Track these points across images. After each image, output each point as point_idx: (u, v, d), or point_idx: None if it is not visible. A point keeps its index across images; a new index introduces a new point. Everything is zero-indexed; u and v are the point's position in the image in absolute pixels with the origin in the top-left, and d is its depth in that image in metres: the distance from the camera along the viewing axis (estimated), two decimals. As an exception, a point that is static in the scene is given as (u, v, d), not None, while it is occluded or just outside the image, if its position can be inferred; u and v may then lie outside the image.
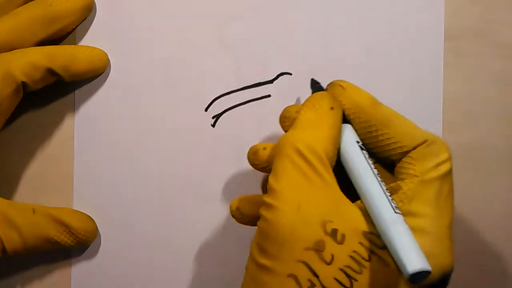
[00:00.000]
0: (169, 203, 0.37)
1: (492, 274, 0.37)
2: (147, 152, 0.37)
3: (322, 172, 0.28)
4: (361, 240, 0.26)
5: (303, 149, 0.28)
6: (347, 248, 0.26)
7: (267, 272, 0.27)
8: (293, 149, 0.28)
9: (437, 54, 0.36)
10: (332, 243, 0.26)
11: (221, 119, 0.37)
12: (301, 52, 0.36)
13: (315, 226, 0.26)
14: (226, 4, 0.36)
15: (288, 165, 0.28)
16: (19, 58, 0.33)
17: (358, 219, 0.27)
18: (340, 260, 0.26)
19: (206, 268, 0.37)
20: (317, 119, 0.29)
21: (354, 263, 0.26)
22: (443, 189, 0.28)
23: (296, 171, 0.27)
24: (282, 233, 0.26)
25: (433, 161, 0.28)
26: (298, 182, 0.27)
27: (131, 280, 0.37)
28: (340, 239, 0.26)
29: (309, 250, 0.26)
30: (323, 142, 0.28)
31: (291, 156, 0.28)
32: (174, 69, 0.37)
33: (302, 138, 0.28)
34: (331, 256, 0.26)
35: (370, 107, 0.30)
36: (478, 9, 0.36)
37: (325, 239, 0.26)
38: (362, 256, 0.26)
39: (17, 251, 0.34)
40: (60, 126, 0.37)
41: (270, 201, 0.27)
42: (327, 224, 0.26)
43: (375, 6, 0.36)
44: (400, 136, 0.29)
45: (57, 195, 0.37)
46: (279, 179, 0.28)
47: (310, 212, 0.27)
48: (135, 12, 0.37)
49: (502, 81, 0.36)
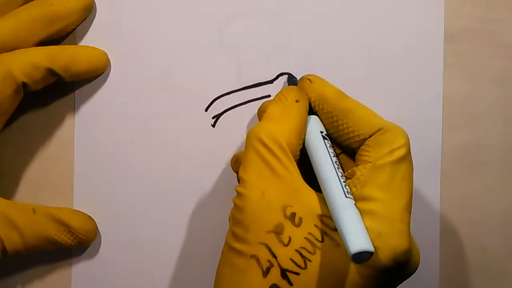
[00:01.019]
0: (169, 203, 0.37)
1: (492, 274, 0.37)
2: (147, 152, 0.37)
3: (284, 160, 0.29)
4: (316, 223, 0.28)
5: (266, 140, 0.30)
6: (303, 230, 0.28)
7: (237, 254, 0.29)
8: (257, 140, 0.30)
9: (437, 55, 0.36)
10: (290, 226, 0.28)
11: (221, 119, 0.37)
12: (301, 52, 0.36)
13: (276, 211, 0.28)
14: (226, 4, 0.36)
15: (253, 156, 0.30)
16: (20, 58, 0.33)
17: (315, 204, 0.29)
18: (297, 242, 0.28)
19: (206, 268, 0.37)
20: (282, 112, 0.31)
21: (309, 244, 0.28)
22: (396, 174, 0.29)
23: (261, 160, 0.29)
24: (248, 218, 0.29)
25: (388, 147, 0.29)
26: (262, 171, 0.29)
27: (131, 280, 0.37)
28: (298, 222, 0.28)
29: (270, 233, 0.28)
30: (286, 132, 0.30)
31: (255, 147, 0.30)
32: (174, 69, 0.37)
33: (265, 129, 0.30)
34: (288, 238, 0.28)
35: (334, 98, 0.32)
36: (478, 9, 0.36)
37: (284, 222, 0.28)
38: (316, 237, 0.28)
39: (17, 251, 0.34)
40: (60, 126, 0.37)
41: (239, 190, 0.29)
42: (287, 208, 0.28)
43: (375, 6, 0.36)
44: (358, 125, 0.30)
45: (57, 195, 0.37)
46: (247, 169, 0.30)
47: (272, 198, 0.29)
48: (135, 12, 0.37)
49: (502, 81, 0.36)
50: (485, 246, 0.36)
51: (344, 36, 0.36)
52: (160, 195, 0.37)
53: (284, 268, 0.27)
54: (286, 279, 0.27)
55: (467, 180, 0.36)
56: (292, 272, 0.27)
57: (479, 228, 0.36)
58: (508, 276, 0.37)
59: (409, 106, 0.36)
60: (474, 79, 0.36)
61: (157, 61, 0.37)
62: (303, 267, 0.27)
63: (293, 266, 0.27)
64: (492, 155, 0.36)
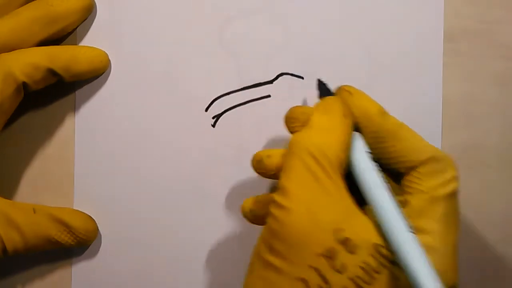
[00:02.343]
0: (169, 203, 0.37)
1: (492, 275, 0.37)
2: (147, 152, 0.37)
3: (335, 178, 0.27)
4: (372, 253, 0.26)
5: (315, 152, 0.28)
6: (358, 259, 0.26)
7: (276, 272, 0.27)
8: (305, 150, 0.28)
9: (437, 55, 0.36)
10: (344, 252, 0.26)
11: (221, 119, 0.37)
12: (301, 52, 0.36)
13: (327, 232, 0.26)
14: (226, 4, 0.36)
15: (300, 166, 0.27)
16: (20, 58, 0.33)
17: (370, 231, 0.27)
18: (351, 270, 0.26)
19: (206, 268, 0.37)
20: (330, 124, 0.29)
21: (365, 275, 0.26)
22: (450, 207, 0.28)
23: (309, 173, 0.27)
24: (294, 235, 0.26)
25: (441, 178, 0.28)
26: (310, 185, 0.27)
27: (132, 280, 0.37)
28: (352, 249, 0.26)
29: (320, 256, 0.26)
30: (335, 147, 0.28)
31: (303, 158, 0.28)
32: (174, 69, 0.37)
33: (314, 140, 0.28)
34: (342, 265, 0.26)
35: (378, 116, 0.30)
36: (478, 9, 0.36)
37: (336, 247, 0.26)
38: (373, 268, 0.26)
39: (18, 251, 0.34)
40: (61, 126, 0.37)
41: (281, 201, 0.27)
42: (339, 232, 0.26)
43: (375, 6, 0.36)
44: (408, 150, 0.29)
45: (57, 195, 0.37)
46: (291, 178, 0.27)
47: (323, 217, 0.27)
48: (136, 13, 0.37)
49: (502, 81, 0.36)
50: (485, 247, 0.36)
51: (344, 36, 0.36)
52: (160, 195, 0.37)
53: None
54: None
55: (467, 180, 0.36)
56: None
57: (479, 229, 0.36)
58: (508, 276, 0.37)
59: (408, 106, 0.36)
60: (474, 79, 0.36)
61: (157, 61, 0.37)
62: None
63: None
64: (492, 155, 0.36)
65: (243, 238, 0.36)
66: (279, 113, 0.36)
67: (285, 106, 0.35)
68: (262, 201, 0.32)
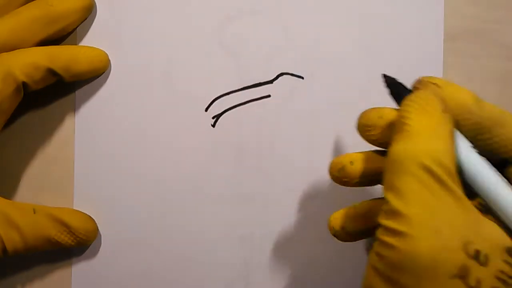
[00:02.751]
0: (169, 203, 0.37)
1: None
2: (147, 152, 0.37)
3: (454, 188, 0.24)
4: (505, 258, 0.24)
5: (430, 164, 0.24)
6: (492, 269, 0.24)
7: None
8: (417, 165, 0.24)
9: (437, 54, 0.36)
10: (476, 266, 0.23)
11: (221, 119, 0.37)
12: (301, 52, 0.36)
13: (457, 251, 0.23)
14: (226, 4, 0.36)
15: (416, 185, 0.24)
16: (20, 58, 0.33)
17: (498, 235, 0.24)
18: (487, 284, 0.23)
19: (206, 268, 0.37)
20: (436, 126, 0.25)
21: (501, 284, 0.24)
22: None
23: (427, 190, 0.24)
24: (422, 264, 0.23)
25: None
26: (431, 203, 0.24)
27: (132, 280, 0.37)
28: (484, 260, 0.24)
29: (454, 278, 0.23)
30: (450, 152, 0.25)
31: (416, 174, 0.24)
32: (174, 69, 0.37)
33: (425, 150, 0.24)
34: (476, 281, 0.23)
35: (476, 106, 0.27)
36: (478, 9, 0.36)
37: (468, 263, 0.23)
38: (508, 274, 0.24)
39: (17, 251, 0.34)
40: (61, 126, 0.37)
41: (399, 228, 0.24)
42: (468, 246, 0.24)
43: (375, 6, 0.36)
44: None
45: (57, 195, 0.37)
46: (407, 201, 0.24)
47: (450, 236, 0.24)
48: (135, 12, 0.37)
49: (502, 81, 0.36)
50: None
51: (344, 36, 0.36)
52: (160, 195, 0.37)
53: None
54: None
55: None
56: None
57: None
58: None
59: (409, 106, 0.36)
60: (474, 79, 0.36)
61: (157, 61, 0.37)
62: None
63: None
64: (492, 155, 0.36)
65: (243, 238, 0.36)
66: (279, 113, 0.36)
67: (285, 106, 0.36)
68: (351, 216, 0.30)
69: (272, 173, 0.36)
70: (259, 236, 0.36)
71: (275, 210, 0.36)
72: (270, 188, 0.36)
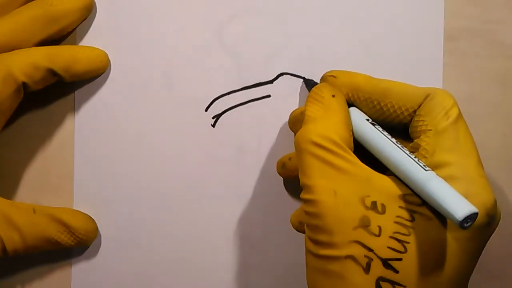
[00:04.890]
0: (169, 203, 0.37)
1: (492, 274, 0.37)
2: (147, 152, 0.37)
3: (343, 155, 0.29)
4: (400, 204, 0.28)
5: (318, 140, 0.29)
6: (390, 216, 0.27)
7: (328, 261, 0.28)
8: (309, 143, 0.29)
9: (437, 55, 0.36)
10: (375, 215, 0.27)
11: (221, 119, 0.37)
12: (301, 52, 0.36)
13: (355, 205, 0.28)
14: (226, 4, 0.36)
15: (311, 159, 0.29)
16: (20, 58, 0.33)
17: (391, 186, 0.28)
18: (388, 229, 0.27)
19: (206, 268, 0.37)
20: (323, 109, 0.30)
21: (401, 227, 0.27)
22: (459, 133, 0.29)
23: (320, 162, 0.28)
24: (329, 222, 0.27)
25: (441, 111, 0.29)
26: (326, 171, 0.28)
27: (131, 280, 0.37)
28: (381, 209, 0.27)
29: (357, 228, 0.27)
30: (335, 128, 0.29)
31: (310, 150, 0.29)
32: (174, 69, 0.37)
33: (313, 130, 0.29)
34: (378, 228, 0.27)
35: (367, 84, 0.31)
36: (478, 9, 0.36)
37: (367, 213, 0.27)
38: (406, 218, 0.27)
39: (17, 251, 0.34)
40: (60, 126, 0.37)
41: (308, 197, 0.28)
42: (365, 199, 0.28)
43: (375, 6, 0.36)
44: (403, 100, 0.30)
45: (57, 195, 0.37)
46: (308, 175, 0.29)
47: (347, 194, 0.28)
48: (135, 12, 0.37)
49: (502, 81, 0.36)
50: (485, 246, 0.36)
51: (344, 36, 0.36)
52: (159, 195, 0.37)
53: (385, 258, 0.27)
54: (391, 268, 0.27)
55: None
56: (394, 259, 0.27)
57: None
58: (508, 276, 0.37)
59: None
60: (474, 79, 0.36)
61: (157, 61, 0.37)
62: (404, 251, 0.27)
63: (393, 253, 0.27)
64: (492, 155, 0.36)
65: (243, 237, 0.36)
66: (279, 113, 0.36)
67: (285, 106, 0.36)
68: None
69: (272, 173, 0.36)
70: (259, 236, 0.36)
71: (275, 210, 0.36)
72: (270, 188, 0.36)
